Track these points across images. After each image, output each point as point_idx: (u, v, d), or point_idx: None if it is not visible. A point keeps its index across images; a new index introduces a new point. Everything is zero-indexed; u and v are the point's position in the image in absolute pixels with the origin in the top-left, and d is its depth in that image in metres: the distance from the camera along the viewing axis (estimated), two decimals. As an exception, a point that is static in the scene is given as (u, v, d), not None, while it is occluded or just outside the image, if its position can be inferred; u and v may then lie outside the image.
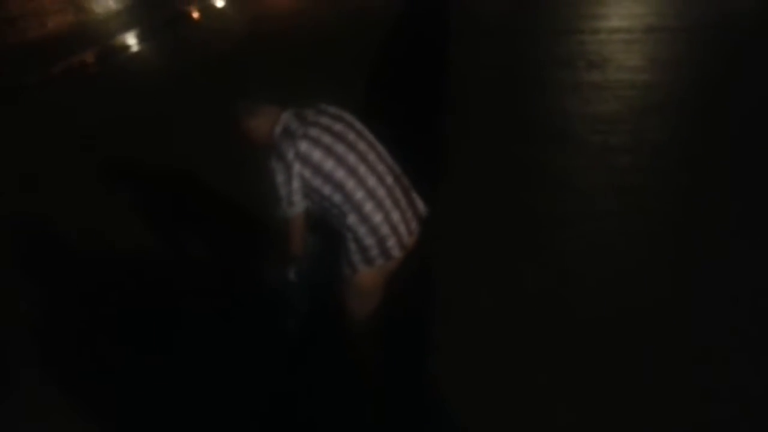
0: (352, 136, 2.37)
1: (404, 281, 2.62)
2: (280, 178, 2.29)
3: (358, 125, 2.45)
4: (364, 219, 2.29)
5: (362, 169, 2.31)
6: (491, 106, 5.45)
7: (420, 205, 2.49)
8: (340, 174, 2.28)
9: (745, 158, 4.30)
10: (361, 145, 2.37)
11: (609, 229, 3.74)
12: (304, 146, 2.28)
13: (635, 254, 3.50)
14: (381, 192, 2.33)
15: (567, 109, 5.36)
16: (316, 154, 2.28)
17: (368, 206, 2.29)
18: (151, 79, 7.59)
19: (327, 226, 2.49)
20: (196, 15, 12.00)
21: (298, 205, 2.33)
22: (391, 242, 2.33)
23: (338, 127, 2.36)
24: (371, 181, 2.32)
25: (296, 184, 2.29)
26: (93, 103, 6.80)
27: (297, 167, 2.27)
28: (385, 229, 2.31)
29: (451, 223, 3.63)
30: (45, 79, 7.92)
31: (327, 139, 2.31)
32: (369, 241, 2.31)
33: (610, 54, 6.44)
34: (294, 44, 8.04)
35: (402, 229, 2.37)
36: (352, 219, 2.29)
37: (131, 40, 9.71)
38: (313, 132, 2.31)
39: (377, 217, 2.30)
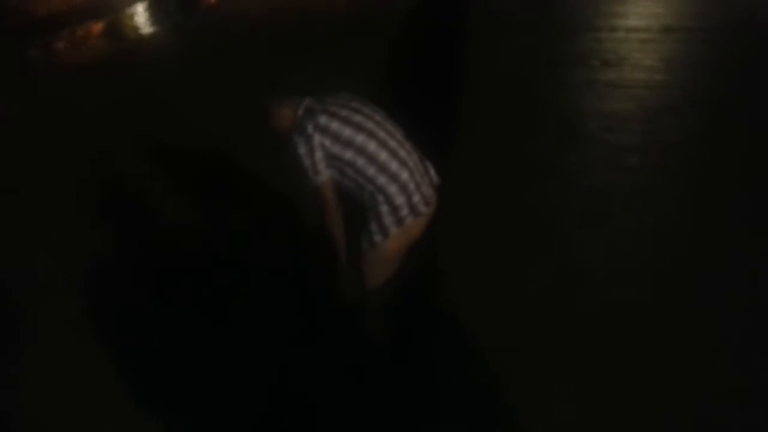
0: (367, 110, 2.57)
1: (412, 270, 2.69)
2: (302, 149, 2.48)
3: (371, 104, 2.64)
4: (393, 177, 2.44)
5: (382, 133, 2.50)
6: (504, 102, 5.45)
7: (433, 172, 2.65)
8: (360, 138, 2.45)
9: (758, 162, 4.29)
10: (377, 117, 2.57)
11: (618, 227, 3.75)
12: (323, 119, 2.48)
13: (644, 254, 3.52)
14: (402, 153, 2.51)
15: (580, 106, 5.35)
16: (335, 124, 2.47)
17: (394, 165, 2.45)
18: (162, 63, 7.60)
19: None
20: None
21: (323, 173, 2.50)
22: (417, 198, 2.48)
23: (354, 104, 2.58)
24: (392, 143, 2.50)
25: (319, 153, 2.47)
26: (100, 84, 6.85)
27: (317, 137, 2.46)
28: (411, 186, 2.47)
29: (460, 218, 3.66)
30: (51, 50, 7.99)
31: (344, 112, 2.51)
32: (400, 199, 2.45)
33: (626, 53, 6.42)
34: (309, 33, 8.04)
35: (425, 186, 2.54)
36: (382, 180, 2.44)
37: (142, 19, 9.76)
38: (331, 108, 2.52)
39: (404, 174, 2.46)
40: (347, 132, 2.45)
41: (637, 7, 8.05)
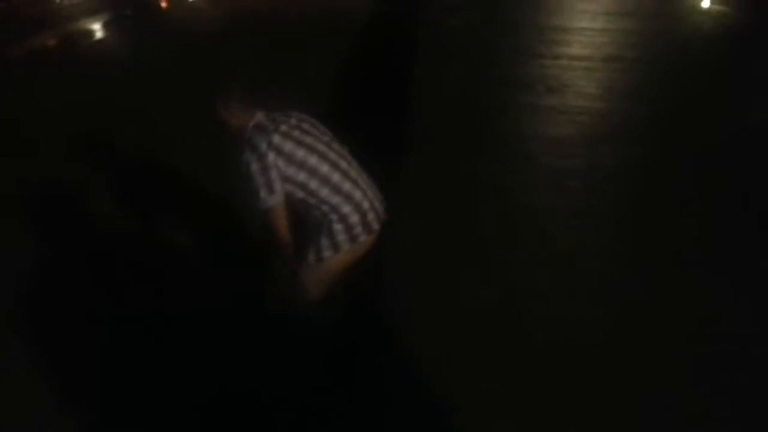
0: (316, 131, 2.60)
1: (353, 286, 2.70)
2: (255, 167, 2.41)
3: (321, 126, 2.66)
4: (347, 197, 2.48)
5: (332, 155, 2.53)
6: (449, 123, 5.52)
7: (378, 190, 2.68)
8: (312, 160, 2.47)
9: (691, 186, 4.48)
10: (326, 138, 2.60)
11: (556, 247, 3.84)
12: (276, 138, 2.45)
13: (582, 272, 3.60)
14: (353, 173, 2.56)
15: (523, 130, 5.48)
16: (288, 145, 2.45)
17: (347, 185, 2.49)
18: (114, 68, 7.46)
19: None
20: (164, 4, 11.86)
21: (278, 193, 2.44)
22: (371, 216, 2.54)
23: (305, 125, 2.58)
24: (343, 163, 2.54)
25: (274, 173, 2.42)
26: (55, 87, 6.65)
27: (271, 156, 2.42)
28: (365, 204, 2.52)
29: (403, 235, 3.67)
30: (5, 59, 7.73)
31: (296, 133, 2.51)
32: (354, 218, 2.49)
33: (569, 80, 6.62)
34: (260, 41, 8.02)
35: (377, 203, 2.60)
36: (336, 200, 2.47)
37: (96, 26, 9.55)
38: (283, 128, 2.50)
39: (357, 194, 2.51)
40: (300, 154, 2.45)
41: (580, 36, 8.34)
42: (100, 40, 8.25)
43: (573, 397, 2.77)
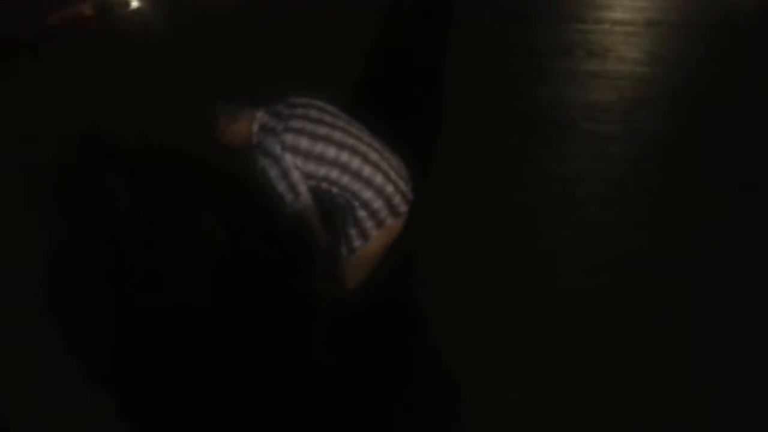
0: (329, 118, 2.47)
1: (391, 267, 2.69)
2: (273, 172, 2.33)
3: (331, 108, 2.54)
4: (368, 182, 2.40)
5: (350, 141, 2.42)
6: (486, 92, 5.44)
7: (404, 167, 2.60)
8: (331, 152, 2.36)
9: (733, 154, 4.37)
10: (340, 122, 2.48)
11: (596, 215, 3.81)
12: (290, 138, 2.33)
13: (621, 241, 3.57)
14: (373, 155, 2.45)
15: (563, 97, 5.38)
16: (304, 142, 2.34)
17: (367, 170, 2.40)
18: (151, 38, 7.48)
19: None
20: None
21: (304, 194, 2.35)
22: (397, 199, 2.47)
23: (314, 113, 2.45)
24: (362, 147, 2.44)
25: (295, 174, 2.32)
26: (90, 59, 6.70)
27: (288, 158, 2.31)
28: (389, 188, 2.44)
29: (440, 209, 3.70)
30: (40, 31, 7.78)
31: (309, 126, 2.38)
32: (377, 203, 2.43)
33: (610, 45, 6.45)
34: (295, 14, 7.95)
35: (402, 184, 2.51)
36: (357, 186, 2.40)
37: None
38: (294, 123, 2.37)
39: (378, 178, 2.42)
40: (318, 148, 2.34)
41: (622, 0, 8.09)
42: (136, 10, 8.24)
43: (613, 370, 2.77)
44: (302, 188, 2.34)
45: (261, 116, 2.41)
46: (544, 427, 2.58)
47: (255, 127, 2.39)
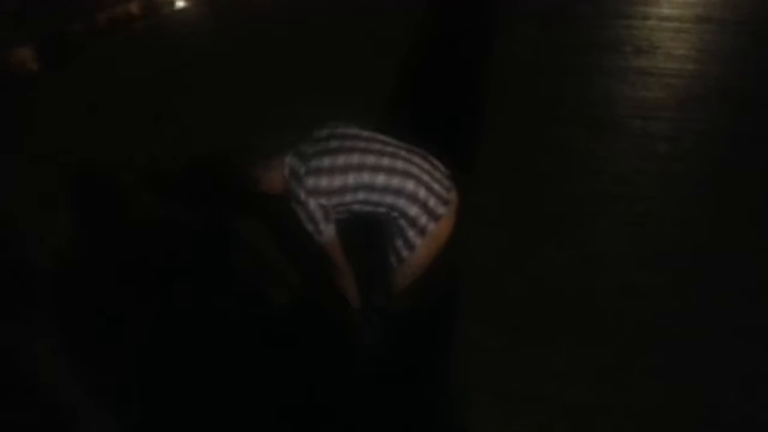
0: (349, 142, 2.47)
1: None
2: (302, 215, 2.43)
3: (352, 130, 2.54)
4: (398, 192, 2.39)
5: (371, 159, 2.42)
6: (533, 89, 5.42)
7: (442, 165, 2.59)
8: (352, 178, 2.38)
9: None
10: (361, 144, 2.47)
11: (642, 214, 3.77)
12: (311, 182, 2.39)
13: (668, 241, 3.53)
14: (400, 164, 2.43)
15: (610, 94, 5.32)
16: (323, 181, 2.39)
17: (395, 181, 2.39)
18: (199, 39, 7.61)
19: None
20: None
21: (326, 232, 2.45)
22: (432, 201, 2.42)
23: (334, 144, 2.46)
24: (385, 161, 2.42)
25: (318, 214, 2.41)
26: (136, 59, 6.85)
27: (312, 203, 2.39)
28: (422, 193, 2.40)
29: (486, 206, 3.71)
30: (89, 29, 7.96)
31: (327, 161, 2.41)
32: (413, 210, 2.41)
33: (658, 41, 6.35)
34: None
35: (437, 186, 2.46)
36: (388, 199, 2.41)
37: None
38: (313, 164, 2.41)
39: (409, 185, 2.39)
40: (338, 181, 2.38)
41: (670, -5, 7.94)
42: (182, 9, 8.39)
43: (654, 367, 2.75)
44: (323, 226, 2.43)
45: (289, 160, 2.48)
46: (587, 425, 2.59)
47: (286, 173, 2.47)
